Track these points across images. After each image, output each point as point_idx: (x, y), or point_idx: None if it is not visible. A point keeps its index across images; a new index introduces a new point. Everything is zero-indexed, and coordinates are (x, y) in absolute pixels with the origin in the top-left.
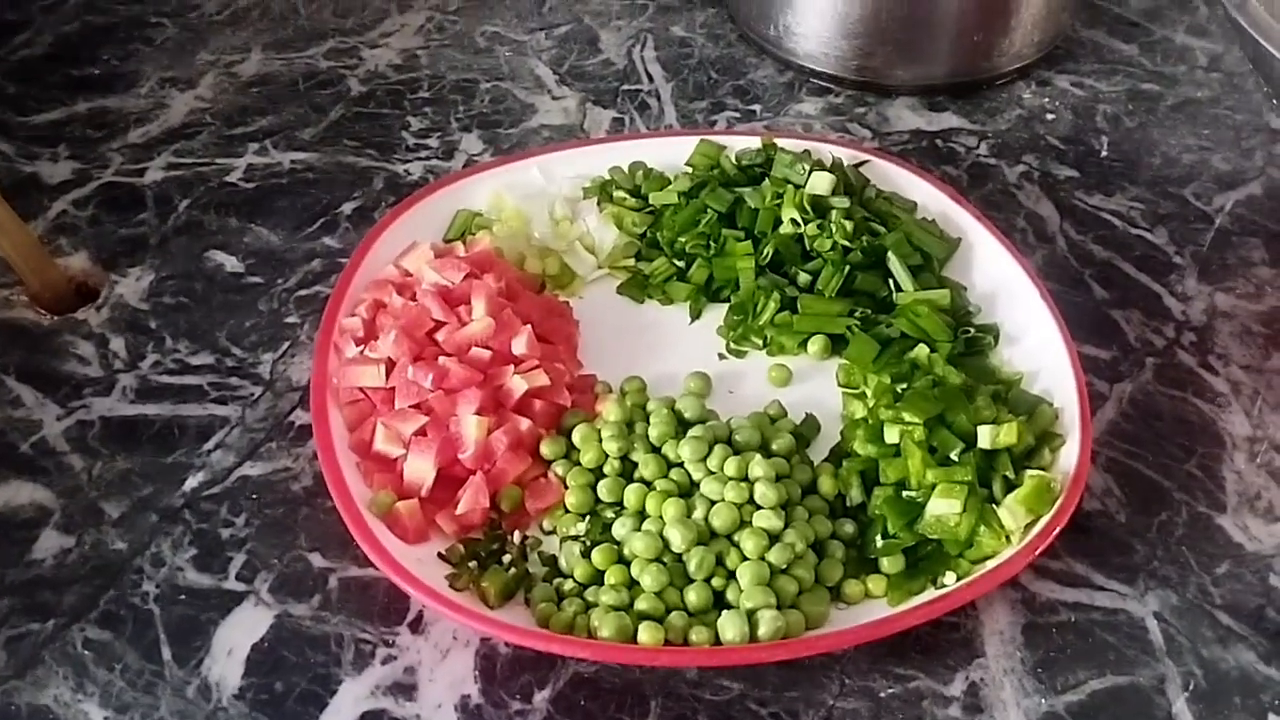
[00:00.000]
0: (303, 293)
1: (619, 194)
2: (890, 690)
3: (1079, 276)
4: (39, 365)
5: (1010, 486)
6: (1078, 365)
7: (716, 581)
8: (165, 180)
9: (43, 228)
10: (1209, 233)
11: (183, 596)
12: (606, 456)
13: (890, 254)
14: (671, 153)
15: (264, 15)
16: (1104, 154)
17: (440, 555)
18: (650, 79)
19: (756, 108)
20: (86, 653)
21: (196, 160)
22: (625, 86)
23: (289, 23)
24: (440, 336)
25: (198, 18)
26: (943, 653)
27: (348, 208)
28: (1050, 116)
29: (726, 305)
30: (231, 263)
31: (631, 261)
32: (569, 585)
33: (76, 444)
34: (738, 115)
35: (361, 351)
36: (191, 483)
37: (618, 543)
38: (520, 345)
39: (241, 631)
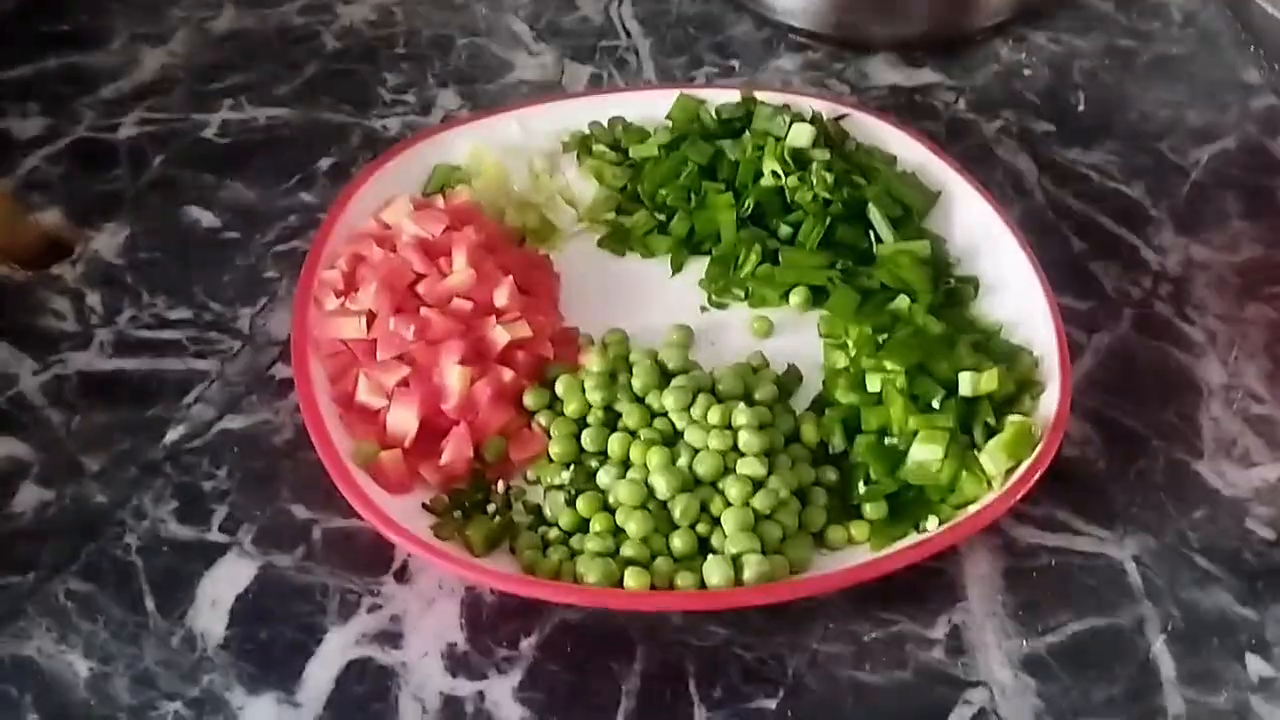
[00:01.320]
0: (280, 248)
1: (598, 148)
2: (874, 634)
3: (1057, 229)
4: (14, 320)
5: (991, 433)
6: (1057, 315)
7: (701, 528)
8: (139, 136)
9: (14, 184)
10: (1185, 186)
11: (165, 549)
12: (590, 406)
13: (871, 206)
14: (651, 107)
15: None
16: (1081, 109)
17: (424, 505)
18: (628, 35)
19: (735, 64)
20: (69, 604)
21: (170, 116)
22: (603, 43)
23: None
24: (421, 289)
25: None
26: (925, 597)
27: (325, 163)
28: (1027, 72)
29: (708, 258)
30: (207, 218)
31: (612, 215)
32: (554, 533)
33: (54, 399)
34: (716, 71)
35: (342, 304)
36: (172, 436)
37: (602, 491)
38: (502, 296)
39: (225, 583)
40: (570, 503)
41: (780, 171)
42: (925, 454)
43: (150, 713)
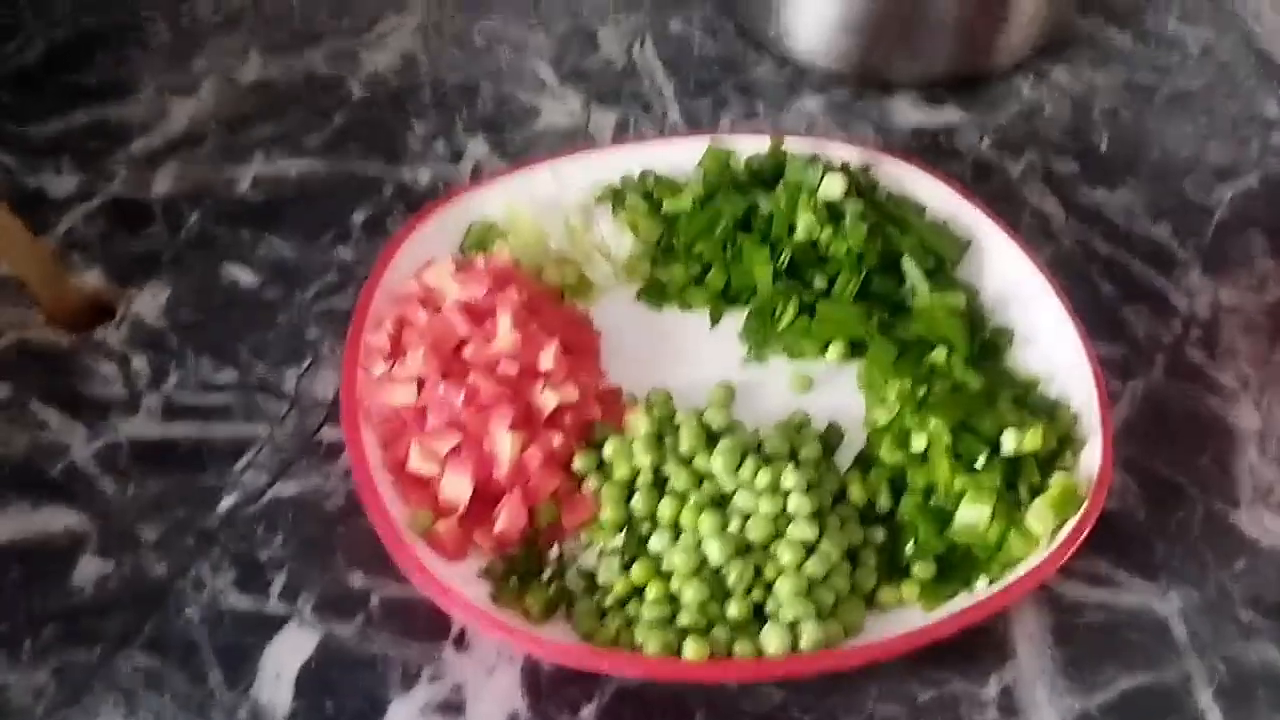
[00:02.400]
0: (320, 306)
1: (632, 199)
2: (927, 695)
3: (1086, 273)
4: (62, 387)
5: (1034, 490)
6: (1096, 367)
7: (755, 593)
8: (173, 192)
9: (53, 244)
10: (1210, 225)
11: (226, 619)
12: (638, 470)
13: (905, 259)
14: (681, 155)
15: (258, 16)
16: (1103, 148)
17: (481, 573)
18: (652, 78)
19: (759, 104)
20: (136, 678)
21: (203, 169)
22: (627, 85)
23: (284, 24)
24: (468, 353)
25: (191, 21)
26: (976, 656)
27: (359, 217)
28: (1049, 110)
29: (745, 307)
30: (246, 276)
31: (648, 268)
32: (610, 600)
33: (106, 467)
34: (741, 113)
35: (390, 369)
36: (226, 503)
37: (655, 556)
38: (548, 359)
39: (288, 653)
40: (625, 568)
41: (814, 224)
42: (972, 515)
43: None
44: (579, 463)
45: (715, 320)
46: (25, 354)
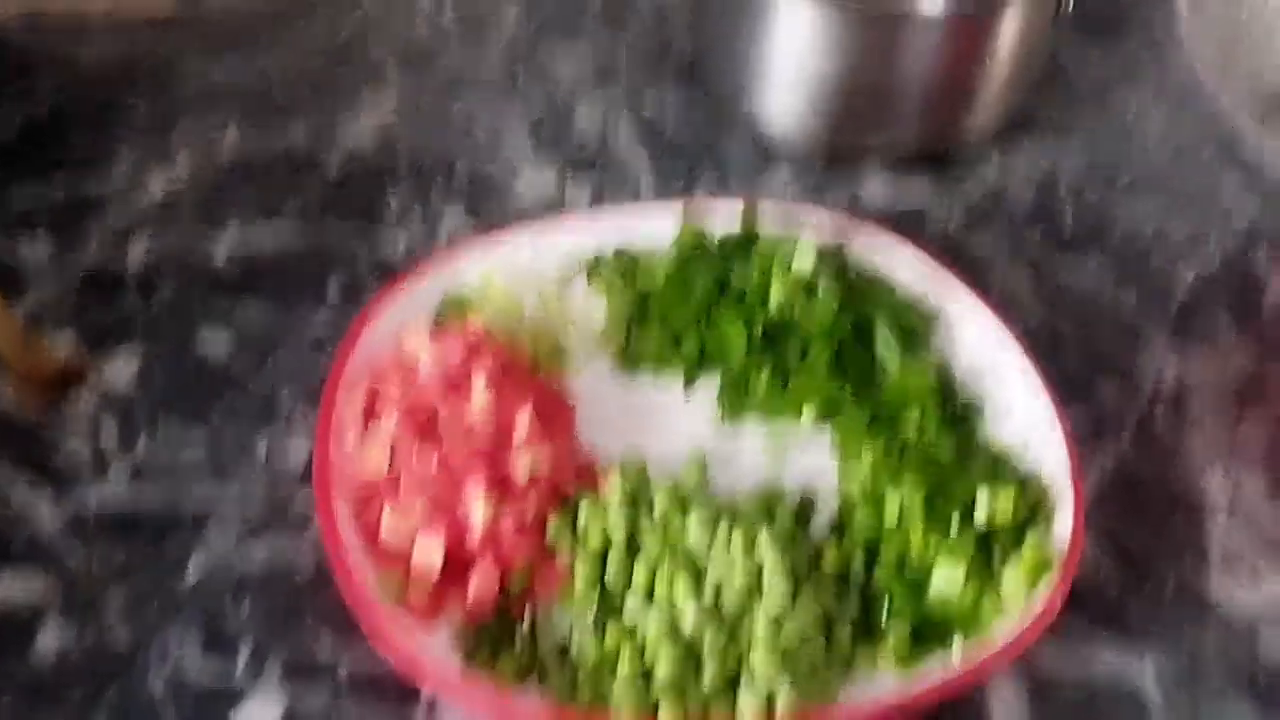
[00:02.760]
0: (294, 373)
1: (606, 272)
2: None
3: (1054, 347)
4: (29, 455)
5: (1008, 555)
6: (1069, 437)
7: (730, 661)
8: (147, 261)
9: (23, 313)
10: (1174, 302)
11: (191, 690)
12: (612, 536)
13: (878, 333)
14: (653, 225)
15: (237, 93)
16: (1069, 224)
17: (451, 640)
18: (626, 154)
19: (732, 179)
20: None
21: (177, 240)
22: (601, 161)
23: (263, 101)
24: (441, 422)
25: (169, 99)
26: None
27: (334, 286)
28: (1015, 188)
29: (719, 372)
30: (220, 343)
31: (623, 336)
32: (583, 666)
33: (73, 534)
34: (713, 188)
35: (362, 438)
36: (193, 570)
37: (629, 621)
38: (522, 428)
39: None
40: (598, 634)
41: (786, 298)
42: (947, 582)
43: None
44: (552, 530)
45: (690, 386)
46: None
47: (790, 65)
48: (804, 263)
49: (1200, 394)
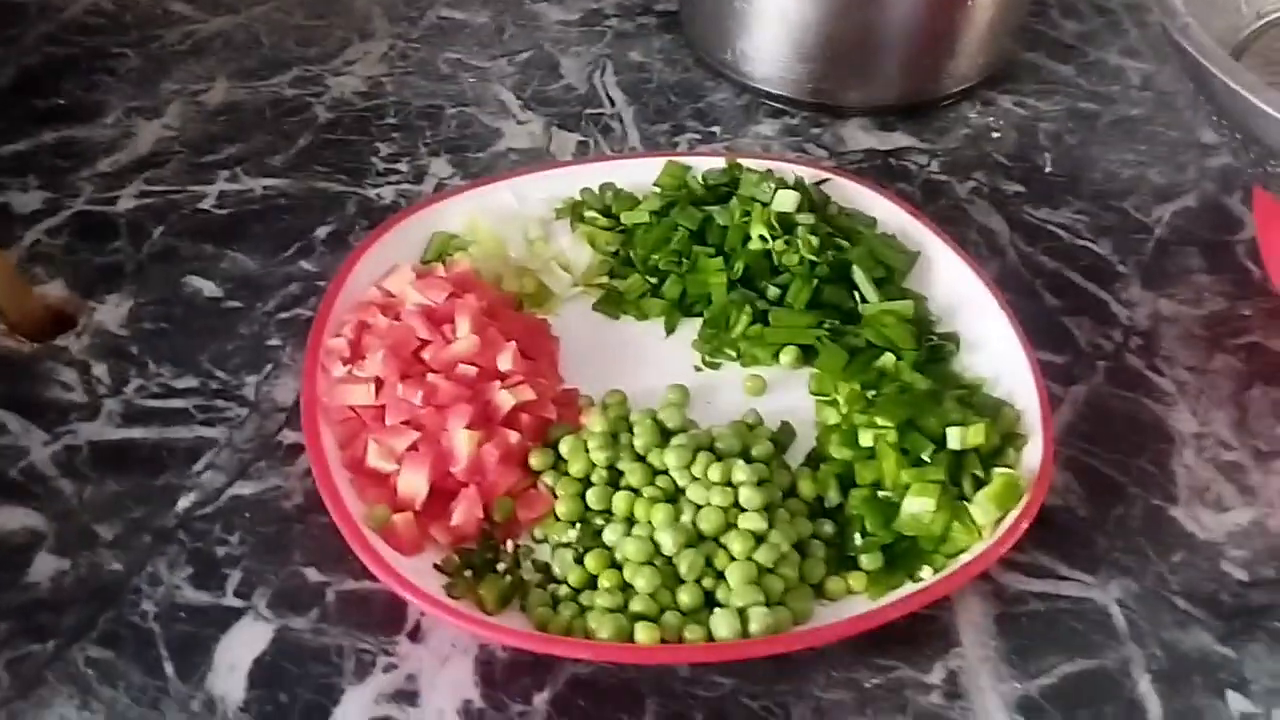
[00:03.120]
0: (283, 315)
1: (590, 214)
2: (874, 681)
3: (1030, 286)
4: (22, 392)
5: (979, 484)
6: (1037, 369)
7: (706, 582)
8: (138, 208)
9: (17, 257)
10: (1149, 242)
11: (182, 614)
12: (594, 466)
13: (855, 267)
14: (639, 173)
15: (227, 45)
16: (1048, 170)
17: (436, 566)
18: (612, 103)
19: (716, 129)
20: (89, 671)
21: (168, 188)
22: (588, 110)
23: (252, 52)
24: (426, 355)
25: (160, 48)
26: (921, 644)
27: (322, 232)
28: (996, 135)
29: (700, 319)
30: (209, 288)
31: (606, 279)
32: (563, 591)
33: (65, 469)
34: (698, 137)
35: (349, 371)
36: (184, 503)
37: (609, 548)
38: (506, 361)
39: (242, 646)
40: (578, 560)
41: (767, 236)
42: (918, 506)
43: None
44: (535, 460)
45: (670, 329)
46: None
47: (774, 13)
48: (784, 203)
49: (1172, 331)
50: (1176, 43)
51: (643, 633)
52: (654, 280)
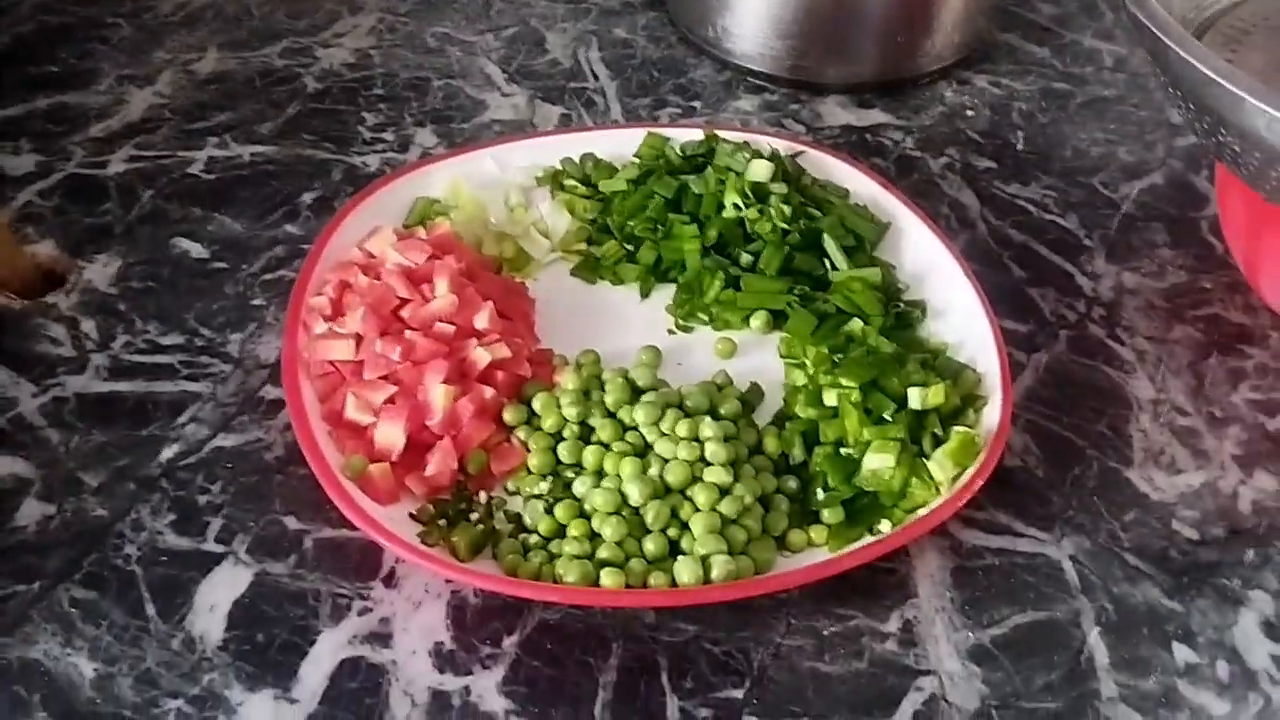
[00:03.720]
0: (267, 277)
1: (570, 182)
2: (833, 629)
3: (998, 258)
4: (11, 346)
5: (938, 443)
6: (999, 335)
7: (672, 532)
8: (128, 172)
9: (8, 217)
10: (1116, 218)
11: (164, 558)
12: (566, 421)
13: (825, 236)
14: (618, 144)
15: (218, 16)
16: (1020, 147)
17: (411, 515)
18: (595, 78)
19: (697, 104)
20: (73, 611)
21: (157, 153)
22: (572, 84)
23: (242, 23)
24: (405, 313)
25: (152, 18)
26: (879, 594)
27: (308, 197)
28: (970, 113)
29: (674, 285)
30: (197, 249)
31: (583, 245)
32: (534, 539)
33: (53, 419)
34: (679, 111)
35: (330, 328)
36: (167, 454)
37: (578, 499)
38: (482, 320)
39: (222, 589)
40: (549, 510)
41: (741, 204)
42: (878, 462)
43: (154, 710)
44: (509, 415)
45: (645, 294)
46: None
47: None
48: (758, 172)
49: (1135, 302)
50: (1133, 15)
51: (608, 578)
52: (630, 247)
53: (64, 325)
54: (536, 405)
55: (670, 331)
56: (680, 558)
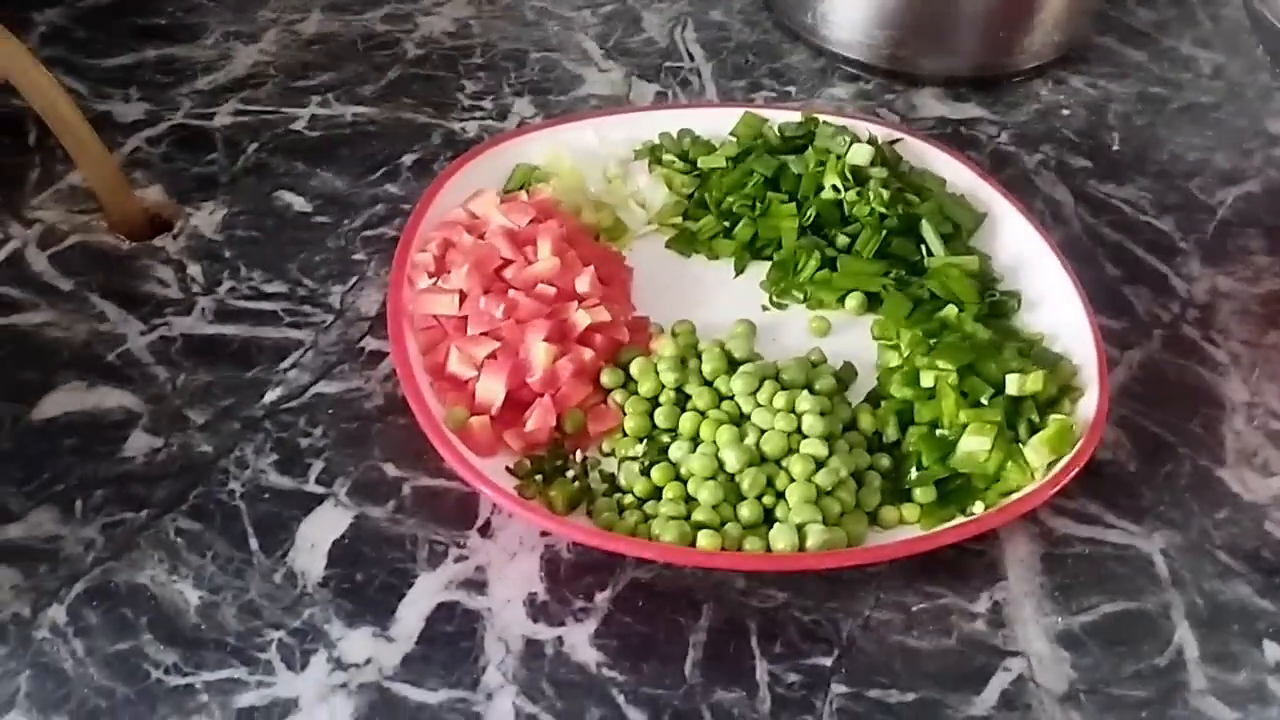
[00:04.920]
0: (368, 233)
1: (668, 157)
2: (921, 605)
3: (1092, 255)
4: (121, 285)
5: (1034, 430)
6: (1095, 327)
7: (767, 500)
8: (233, 124)
9: (118, 162)
10: (1211, 222)
11: (266, 496)
12: (663, 387)
13: (924, 221)
14: (716, 123)
15: None
16: (1115, 148)
17: (508, 469)
18: (691, 58)
19: (791, 89)
20: (179, 540)
21: (262, 108)
22: (667, 64)
23: None
24: (508, 274)
25: None
26: (969, 575)
27: (408, 159)
28: (1066, 112)
29: (769, 262)
30: (299, 203)
31: (680, 219)
32: (629, 499)
33: (160, 357)
34: (774, 96)
35: (434, 284)
36: (270, 396)
37: (674, 464)
38: (584, 284)
39: (323, 528)
40: (645, 472)
41: (840, 186)
42: (974, 444)
43: (256, 639)
44: (607, 378)
45: (740, 270)
46: (87, 254)
47: None
48: (858, 156)
49: (1230, 306)
50: (1256, 11)
51: (705, 539)
52: (727, 223)
53: (171, 268)
54: (634, 370)
55: (764, 308)
56: (776, 525)
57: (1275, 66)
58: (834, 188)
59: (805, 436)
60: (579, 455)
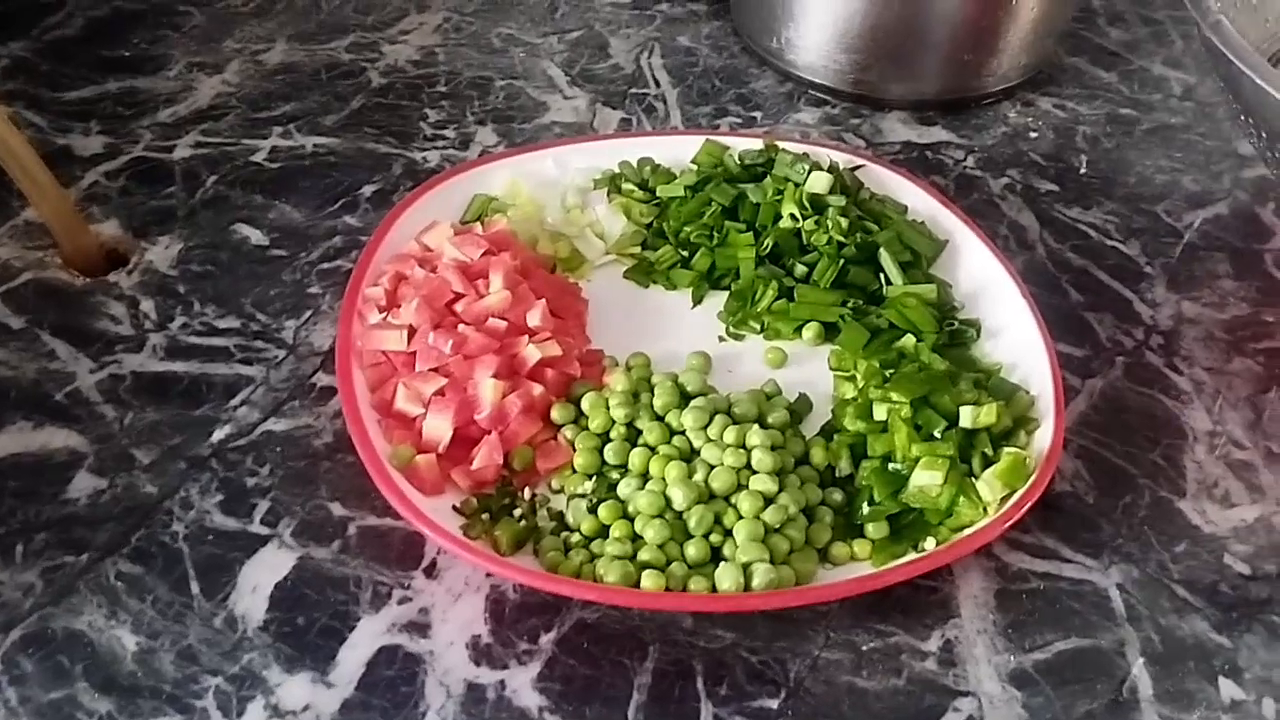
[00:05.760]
0: (324, 266)
1: (627, 186)
2: (871, 644)
3: (1056, 281)
4: (72, 322)
5: (988, 463)
6: (1054, 358)
7: (714, 538)
8: (193, 157)
9: (75, 196)
10: (1178, 246)
11: (210, 537)
12: (613, 422)
13: (882, 250)
14: (677, 150)
15: (288, 8)
16: (1082, 171)
17: (454, 508)
18: (657, 84)
19: (757, 115)
20: (119, 584)
21: (223, 140)
22: (633, 90)
23: (311, 17)
24: (459, 307)
25: (224, 8)
26: (921, 612)
27: (368, 190)
28: (1033, 135)
29: (727, 292)
30: (256, 236)
31: (638, 249)
32: (575, 538)
33: (108, 395)
34: (740, 121)
35: (384, 319)
36: (218, 435)
37: (622, 501)
38: (535, 317)
39: (266, 570)
40: (592, 510)
41: (798, 215)
42: (926, 479)
43: (193, 685)
44: (557, 413)
45: (697, 300)
46: (40, 291)
47: (821, 3)
48: (817, 184)
49: (1194, 332)
50: (1207, 39)
51: (649, 580)
52: (685, 253)
53: (124, 304)
54: (585, 405)
55: (721, 339)
56: (722, 564)
57: (1228, 93)
58: (792, 216)
59: (754, 472)
60: (528, 492)
